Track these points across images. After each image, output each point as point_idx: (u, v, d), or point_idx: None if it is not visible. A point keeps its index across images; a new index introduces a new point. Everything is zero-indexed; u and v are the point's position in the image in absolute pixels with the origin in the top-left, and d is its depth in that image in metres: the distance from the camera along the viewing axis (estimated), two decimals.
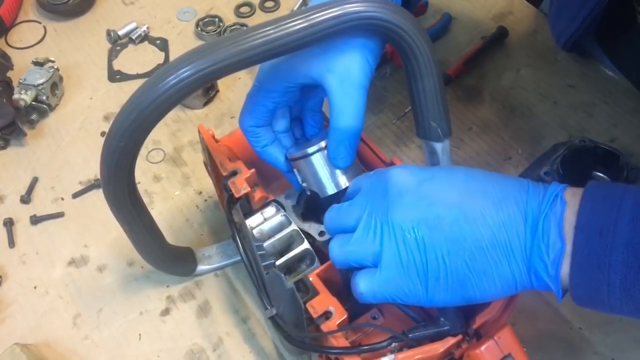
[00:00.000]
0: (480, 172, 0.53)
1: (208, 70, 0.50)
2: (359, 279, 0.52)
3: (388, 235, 0.51)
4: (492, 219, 0.49)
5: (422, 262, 0.50)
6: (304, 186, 0.65)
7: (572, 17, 0.84)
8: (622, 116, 0.88)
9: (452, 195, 0.51)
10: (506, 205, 0.49)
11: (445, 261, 0.49)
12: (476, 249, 0.49)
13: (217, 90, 0.96)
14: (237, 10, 1.07)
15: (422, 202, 0.51)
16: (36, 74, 0.92)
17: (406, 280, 0.50)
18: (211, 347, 0.72)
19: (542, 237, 0.47)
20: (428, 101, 0.61)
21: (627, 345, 0.69)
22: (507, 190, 0.50)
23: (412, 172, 0.53)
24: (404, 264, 0.50)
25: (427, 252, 0.49)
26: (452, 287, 0.50)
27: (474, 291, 0.50)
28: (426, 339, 0.54)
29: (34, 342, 0.73)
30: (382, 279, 0.51)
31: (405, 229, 0.50)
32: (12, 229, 0.83)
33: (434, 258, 0.49)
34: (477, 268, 0.49)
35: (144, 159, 0.89)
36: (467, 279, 0.49)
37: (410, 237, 0.50)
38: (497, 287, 0.49)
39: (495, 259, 0.48)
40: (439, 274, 0.50)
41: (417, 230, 0.50)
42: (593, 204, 0.46)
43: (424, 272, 0.50)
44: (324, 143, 0.61)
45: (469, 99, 0.93)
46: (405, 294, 0.51)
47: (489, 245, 0.48)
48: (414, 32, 0.56)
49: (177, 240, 0.80)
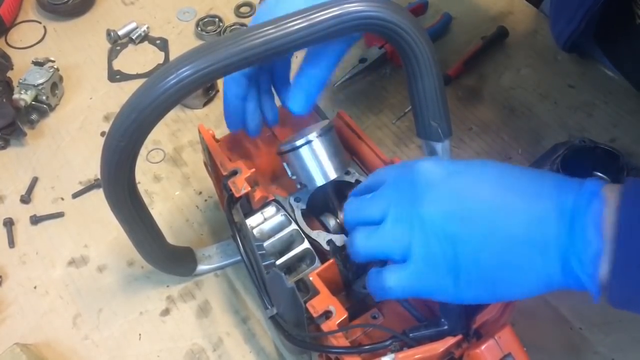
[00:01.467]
0: (512, 166, 0.52)
1: (208, 70, 0.50)
2: (388, 274, 0.51)
3: (418, 228, 0.49)
4: (526, 215, 0.47)
5: (453, 257, 0.48)
6: (293, 179, 0.65)
7: (570, 17, 0.84)
8: (622, 116, 0.89)
9: (485, 190, 0.49)
10: (541, 201, 0.47)
11: (477, 257, 0.48)
12: (509, 244, 0.47)
13: (217, 90, 0.96)
14: (237, 10, 1.07)
15: (453, 195, 0.49)
16: (36, 74, 0.92)
17: (436, 276, 0.49)
18: (211, 347, 0.72)
19: (579, 235, 0.46)
20: (428, 101, 0.61)
21: (627, 345, 0.69)
22: (541, 185, 0.49)
23: (441, 164, 0.52)
24: (434, 258, 0.49)
25: (458, 247, 0.48)
26: (484, 283, 0.48)
27: (506, 288, 0.48)
28: (426, 338, 0.54)
29: (34, 342, 0.73)
30: (412, 273, 0.50)
31: (436, 223, 0.49)
32: (12, 229, 0.83)
33: (465, 253, 0.48)
34: (510, 265, 0.47)
35: (144, 159, 0.89)
36: (499, 275, 0.48)
37: (441, 231, 0.49)
38: (530, 285, 0.48)
39: (529, 255, 0.47)
40: (470, 270, 0.48)
41: (448, 224, 0.48)
42: (635, 201, 0.45)
43: (455, 267, 0.48)
44: (312, 136, 0.63)
45: (469, 99, 0.93)
46: (434, 290, 0.50)
47: (522, 241, 0.47)
48: (414, 32, 0.56)
49: (177, 240, 0.80)
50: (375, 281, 0.52)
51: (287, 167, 0.65)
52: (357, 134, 0.70)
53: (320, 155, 0.64)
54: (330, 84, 0.94)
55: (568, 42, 0.89)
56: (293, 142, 0.63)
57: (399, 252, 0.51)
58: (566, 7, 0.85)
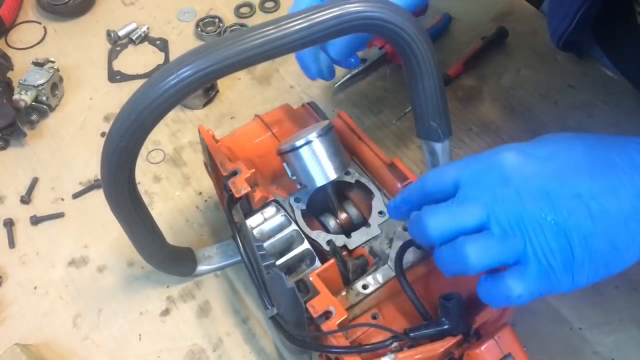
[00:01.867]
0: (594, 138, 0.50)
1: (208, 70, 0.50)
2: (514, 282, 0.47)
3: (531, 227, 0.46)
4: (627, 190, 0.46)
5: (568, 248, 0.46)
6: (293, 179, 0.65)
7: (564, 14, 0.84)
8: (622, 116, 0.88)
9: (582, 170, 0.47)
10: (637, 172, 0.47)
11: (588, 243, 0.46)
12: (618, 223, 0.46)
13: (217, 90, 0.96)
14: (237, 11, 1.07)
15: (553, 183, 0.47)
16: (36, 75, 0.92)
17: (556, 271, 0.47)
18: (211, 347, 0.72)
19: None
20: (428, 101, 0.61)
21: (627, 345, 0.69)
22: (632, 156, 0.48)
23: (525, 152, 0.49)
24: (552, 254, 0.46)
25: (571, 236, 0.46)
26: (597, 267, 0.47)
27: (618, 266, 0.47)
28: (426, 338, 0.54)
29: (34, 342, 0.73)
30: (536, 274, 0.47)
31: (544, 216, 0.46)
32: (12, 229, 0.83)
33: (577, 241, 0.46)
34: (620, 244, 0.46)
35: (144, 159, 0.89)
36: (611, 256, 0.47)
37: (554, 225, 0.46)
38: (637, 254, 0.47)
39: (637, 230, 0.46)
40: (583, 258, 0.46)
41: (557, 215, 0.46)
42: None
43: (570, 259, 0.46)
44: (312, 136, 0.63)
45: (469, 99, 0.93)
46: (555, 285, 0.47)
47: (629, 217, 0.46)
48: (414, 32, 0.56)
49: (177, 240, 0.80)
50: (497, 291, 0.48)
51: (287, 167, 0.65)
52: (357, 134, 0.70)
53: (320, 156, 0.64)
54: (331, 84, 0.94)
55: (562, 39, 0.88)
56: (293, 143, 0.63)
57: (512, 256, 0.47)
58: (560, 4, 0.85)
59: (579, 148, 0.49)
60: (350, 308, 0.62)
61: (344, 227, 0.67)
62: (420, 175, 0.54)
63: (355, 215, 0.67)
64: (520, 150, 0.49)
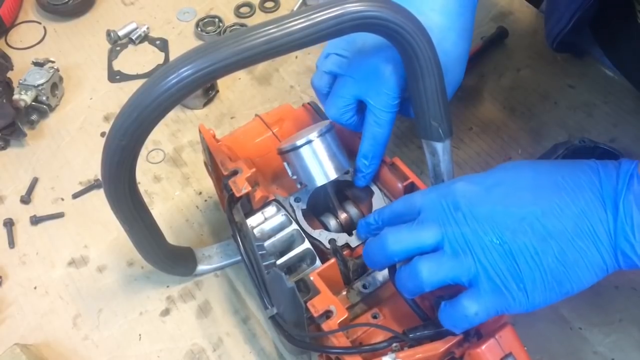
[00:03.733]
0: (545, 163, 0.53)
1: (209, 70, 0.50)
2: (468, 301, 0.50)
3: (476, 247, 0.50)
4: (571, 210, 0.49)
5: (515, 268, 0.49)
6: (293, 179, 0.66)
7: (559, 17, 0.84)
8: (622, 116, 0.89)
9: (525, 195, 0.51)
10: (581, 193, 0.49)
11: (536, 262, 0.49)
12: (563, 242, 0.49)
13: (217, 90, 0.96)
14: (237, 11, 1.07)
15: (498, 208, 0.51)
16: (36, 75, 0.92)
17: (509, 291, 0.50)
18: (211, 347, 0.72)
19: (624, 219, 0.47)
20: (429, 101, 0.61)
21: (627, 345, 0.69)
22: (578, 177, 0.50)
23: (474, 181, 0.54)
24: (499, 274, 0.49)
25: (517, 257, 0.49)
26: (549, 285, 0.50)
27: (571, 284, 0.50)
28: (427, 338, 0.54)
29: (34, 342, 0.73)
30: (490, 292, 0.50)
31: (491, 239, 0.50)
32: (12, 229, 0.83)
33: (524, 261, 0.49)
34: (568, 261, 0.49)
35: (144, 159, 0.89)
36: (561, 274, 0.49)
37: (499, 247, 0.50)
38: (590, 275, 0.49)
39: (584, 247, 0.49)
40: (534, 276, 0.49)
41: (502, 238, 0.50)
42: None
43: (520, 278, 0.49)
44: (313, 136, 0.63)
45: (469, 99, 0.93)
46: (511, 304, 0.50)
47: (574, 235, 0.49)
48: (415, 32, 0.56)
49: (177, 240, 0.80)
50: (455, 313, 0.51)
51: (287, 166, 0.65)
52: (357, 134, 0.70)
53: (320, 155, 0.64)
54: None
55: (556, 40, 0.88)
56: (294, 142, 0.63)
57: (466, 275, 0.51)
58: (556, 7, 0.85)
59: (526, 174, 0.52)
60: (350, 307, 0.62)
61: (344, 226, 0.67)
62: (421, 175, 0.55)
63: (355, 215, 0.67)
64: (470, 180, 0.54)
